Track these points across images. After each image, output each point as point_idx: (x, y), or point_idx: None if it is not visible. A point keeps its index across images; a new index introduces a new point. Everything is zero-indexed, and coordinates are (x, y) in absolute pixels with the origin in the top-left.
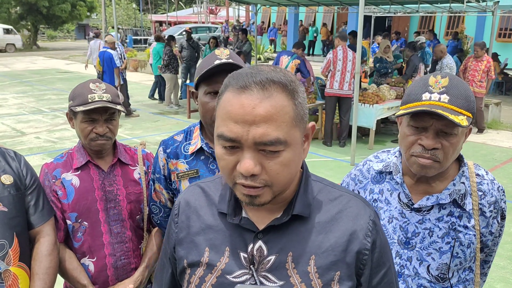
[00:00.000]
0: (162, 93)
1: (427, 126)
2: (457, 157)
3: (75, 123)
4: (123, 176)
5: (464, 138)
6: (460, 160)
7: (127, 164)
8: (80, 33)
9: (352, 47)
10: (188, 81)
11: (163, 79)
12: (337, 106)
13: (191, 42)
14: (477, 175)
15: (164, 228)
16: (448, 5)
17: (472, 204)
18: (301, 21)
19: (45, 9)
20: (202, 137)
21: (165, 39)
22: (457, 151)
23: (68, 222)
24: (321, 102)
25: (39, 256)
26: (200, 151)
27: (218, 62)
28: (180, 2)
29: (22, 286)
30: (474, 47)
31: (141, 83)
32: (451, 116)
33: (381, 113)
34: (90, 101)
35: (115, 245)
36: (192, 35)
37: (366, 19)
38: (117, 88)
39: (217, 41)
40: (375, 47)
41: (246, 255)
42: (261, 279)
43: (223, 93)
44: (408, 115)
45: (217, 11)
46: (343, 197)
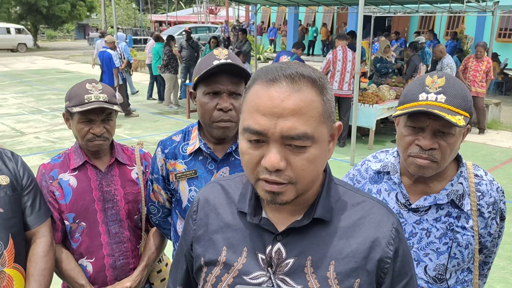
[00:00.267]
0: (161, 93)
1: (424, 126)
2: (456, 157)
3: (72, 123)
4: (120, 176)
5: (462, 138)
6: (458, 161)
7: (124, 164)
8: (80, 33)
9: (351, 47)
10: (187, 81)
11: (163, 79)
12: (336, 106)
13: (190, 42)
14: (476, 175)
15: (162, 229)
16: (448, 5)
17: (471, 204)
18: (300, 20)
19: (45, 9)
20: (200, 137)
21: (160, 37)
22: (455, 151)
23: (66, 222)
24: None
25: (35, 257)
26: (198, 151)
27: (217, 62)
28: (180, 2)
29: None
30: (478, 48)
31: (141, 83)
32: (448, 116)
33: (380, 113)
34: (86, 101)
35: (113, 245)
36: (192, 35)
37: (366, 19)
38: (116, 88)
39: (217, 41)
40: (377, 46)
41: (264, 257)
42: (279, 282)
43: (251, 86)
44: (405, 116)
45: (217, 11)
46: (366, 202)
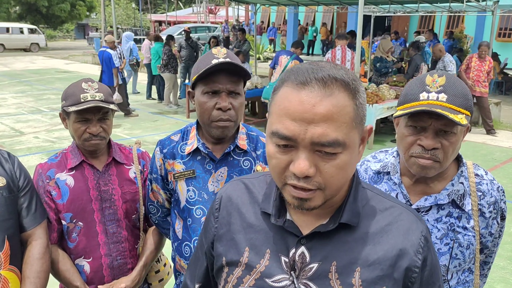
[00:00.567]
0: (161, 92)
1: (426, 126)
2: (456, 157)
3: (69, 123)
4: (118, 176)
5: (462, 137)
6: (459, 160)
7: (122, 163)
8: (80, 32)
9: (351, 47)
10: (187, 81)
11: (162, 78)
12: None
13: (190, 42)
14: (476, 175)
15: (162, 228)
16: (447, 4)
17: (472, 204)
18: (299, 20)
19: (45, 8)
20: (198, 137)
21: (160, 37)
22: (456, 150)
23: (63, 222)
24: None
25: (30, 259)
26: (196, 151)
27: (216, 61)
28: (180, 2)
29: None
30: (482, 47)
31: (141, 82)
32: (451, 115)
33: (380, 112)
34: (82, 100)
35: (111, 245)
36: (191, 34)
37: (366, 18)
38: (115, 88)
39: (217, 41)
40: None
41: (287, 260)
42: (302, 286)
43: (280, 88)
44: (406, 116)
45: (216, 10)
46: (395, 208)
